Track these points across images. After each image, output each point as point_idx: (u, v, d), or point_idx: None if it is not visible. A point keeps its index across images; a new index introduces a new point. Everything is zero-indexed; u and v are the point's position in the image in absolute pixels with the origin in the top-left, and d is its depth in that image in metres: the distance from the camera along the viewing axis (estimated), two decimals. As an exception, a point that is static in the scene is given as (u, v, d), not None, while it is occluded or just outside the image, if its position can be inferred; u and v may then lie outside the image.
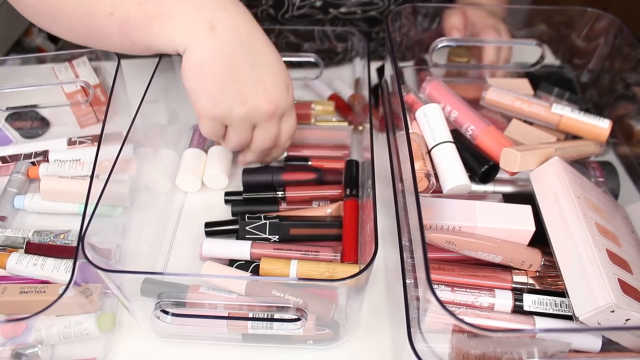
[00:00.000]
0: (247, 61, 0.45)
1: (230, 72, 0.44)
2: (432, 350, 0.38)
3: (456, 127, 0.53)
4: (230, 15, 0.45)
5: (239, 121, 0.46)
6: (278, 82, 0.46)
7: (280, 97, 0.47)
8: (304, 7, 0.67)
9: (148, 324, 0.45)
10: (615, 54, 0.60)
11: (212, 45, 0.44)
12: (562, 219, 0.43)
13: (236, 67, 0.44)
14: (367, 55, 0.58)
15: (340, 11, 0.68)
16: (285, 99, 0.47)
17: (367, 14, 0.69)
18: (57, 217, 0.56)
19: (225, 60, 0.44)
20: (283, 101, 0.47)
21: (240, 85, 0.45)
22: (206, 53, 0.44)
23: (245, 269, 0.48)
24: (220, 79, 0.44)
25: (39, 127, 0.66)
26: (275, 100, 0.46)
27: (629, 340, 0.39)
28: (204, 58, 0.44)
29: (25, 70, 0.65)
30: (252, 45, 0.45)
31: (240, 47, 0.44)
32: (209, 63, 0.44)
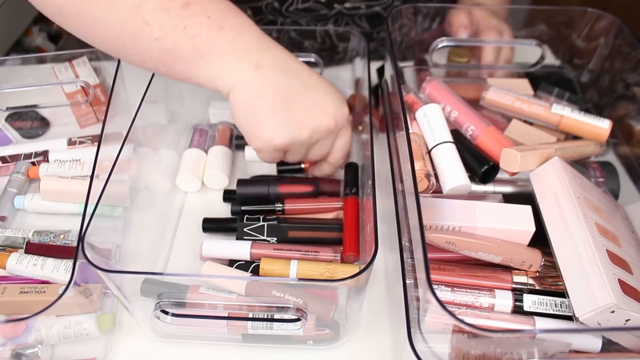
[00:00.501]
0: (296, 88, 0.45)
1: (284, 102, 0.44)
2: (432, 350, 0.38)
3: (456, 127, 0.53)
4: (273, 53, 0.45)
5: (301, 146, 0.47)
6: (332, 99, 0.47)
7: (337, 112, 0.47)
8: (309, 1, 0.66)
9: (148, 324, 0.45)
10: (616, 54, 0.60)
11: (260, 82, 0.44)
12: (562, 219, 0.43)
13: (288, 96, 0.44)
14: (367, 55, 0.58)
15: (344, 6, 0.67)
16: (343, 112, 0.47)
17: (372, 9, 0.69)
18: (57, 217, 0.56)
19: (276, 92, 0.44)
20: (341, 115, 0.47)
21: (296, 112, 0.45)
22: (256, 89, 0.44)
23: (245, 269, 0.48)
24: (275, 111, 0.44)
25: (39, 127, 0.66)
26: (333, 115, 0.46)
27: (629, 340, 0.39)
28: (254, 94, 0.44)
29: (25, 70, 0.65)
30: (297, 73, 0.46)
31: (286, 77, 0.45)
32: (261, 98, 0.44)
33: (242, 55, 0.44)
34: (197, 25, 0.43)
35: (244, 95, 0.44)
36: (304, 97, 0.45)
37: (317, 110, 0.46)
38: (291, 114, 0.45)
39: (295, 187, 0.56)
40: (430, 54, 0.63)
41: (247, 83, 0.44)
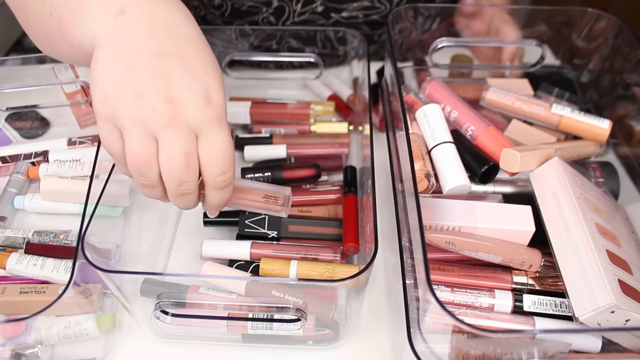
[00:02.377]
0: (152, 50, 0.35)
1: (127, 59, 0.35)
2: (431, 350, 0.38)
3: (456, 127, 0.53)
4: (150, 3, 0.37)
5: (129, 121, 0.35)
6: (192, 85, 0.36)
7: (189, 103, 0.35)
8: (305, 13, 0.67)
9: (148, 324, 0.45)
10: (616, 54, 0.60)
11: (113, 30, 0.36)
12: (562, 219, 0.43)
13: (136, 55, 0.35)
14: (367, 56, 0.58)
15: (342, 15, 0.68)
16: (198, 108, 0.35)
17: (369, 18, 0.69)
18: (57, 217, 0.56)
19: (124, 46, 0.35)
20: (193, 108, 0.35)
21: (136, 75, 0.35)
22: (106, 37, 0.36)
23: (245, 270, 0.48)
24: (113, 67, 0.35)
25: (39, 127, 0.66)
26: (180, 102, 0.35)
27: (629, 340, 0.39)
28: (102, 42, 0.36)
29: (25, 70, 0.65)
30: (167, 35, 0.36)
31: (147, 34, 0.36)
32: (106, 48, 0.36)
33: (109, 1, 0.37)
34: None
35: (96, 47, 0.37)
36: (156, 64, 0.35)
37: (162, 84, 0.35)
38: (128, 76, 0.35)
39: (298, 171, 0.56)
40: (430, 54, 0.63)
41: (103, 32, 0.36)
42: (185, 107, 0.35)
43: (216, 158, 0.37)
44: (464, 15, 0.67)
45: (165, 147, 0.35)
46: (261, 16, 0.67)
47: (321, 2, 0.65)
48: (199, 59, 0.37)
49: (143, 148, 0.35)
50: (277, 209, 0.44)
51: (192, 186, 0.37)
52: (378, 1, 0.67)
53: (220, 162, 0.37)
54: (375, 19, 0.70)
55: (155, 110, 0.35)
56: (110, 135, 0.36)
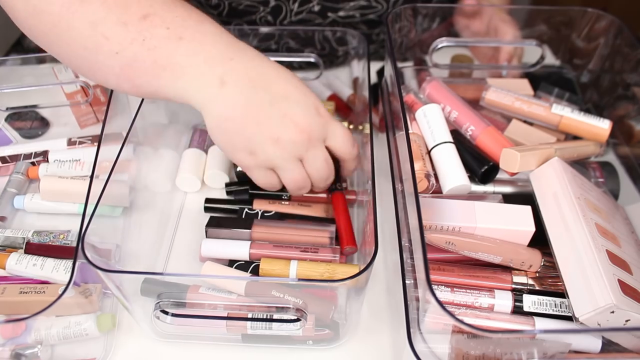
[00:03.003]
0: (265, 101, 0.43)
1: (252, 118, 0.43)
2: (431, 350, 0.38)
3: (456, 127, 0.53)
4: (238, 64, 0.43)
5: (281, 160, 0.44)
6: (304, 108, 0.44)
7: (311, 122, 0.44)
8: (303, 12, 0.67)
9: (148, 324, 0.45)
10: (616, 54, 0.60)
11: (225, 100, 0.42)
12: (562, 219, 0.43)
13: (255, 111, 0.43)
14: (367, 56, 0.58)
15: (338, 15, 0.68)
16: (317, 121, 0.45)
17: (366, 17, 0.69)
18: (57, 218, 0.56)
19: (243, 110, 0.42)
20: (315, 124, 0.44)
21: (266, 126, 0.43)
22: (222, 109, 0.43)
23: (245, 270, 0.48)
24: (245, 129, 0.43)
25: (39, 127, 0.66)
26: (307, 126, 0.44)
27: (629, 341, 0.39)
28: (222, 115, 0.43)
29: (25, 70, 0.65)
30: (266, 84, 0.43)
31: (253, 91, 0.43)
32: (229, 118, 0.43)
33: (205, 70, 0.42)
34: (155, 37, 0.41)
35: (213, 116, 0.43)
36: (273, 109, 0.43)
37: (289, 122, 0.43)
38: (260, 129, 0.43)
39: None
40: (430, 54, 0.63)
41: (214, 103, 0.42)
42: (312, 129, 0.44)
43: (344, 140, 0.47)
44: (464, 14, 0.67)
45: (312, 164, 0.46)
46: (258, 15, 0.67)
47: (318, 1, 0.65)
48: (294, 88, 0.45)
49: (298, 173, 0.46)
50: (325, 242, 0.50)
51: (333, 175, 0.49)
52: (375, 0, 0.67)
53: (347, 141, 0.47)
54: (372, 18, 0.70)
55: (295, 143, 0.44)
56: (267, 176, 0.46)
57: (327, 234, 0.50)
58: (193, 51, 0.42)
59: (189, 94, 0.43)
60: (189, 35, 0.42)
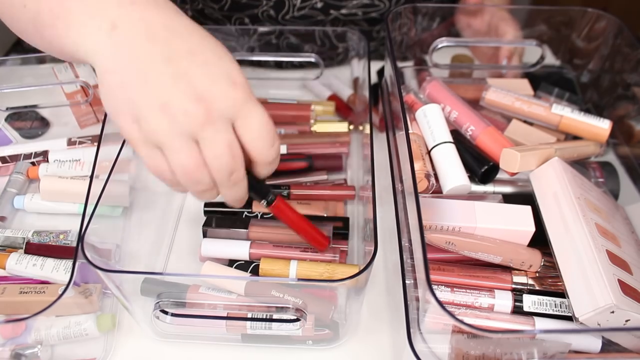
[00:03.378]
0: (160, 55, 0.34)
1: (139, 74, 0.33)
2: (431, 350, 0.38)
3: (456, 127, 0.53)
4: (139, 10, 0.35)
5: (166, 135, 0.33)
6: (211, 72, 0.34)
7: (217, 91, 0.34)
8: (305, 8, 0.66)
9: (148, 324, 0.45)
10: (616, 54, 0.60)
11: (113, 48, 0.34)
12: (562, 219, 0.43)
13: (145, 65, 0.33)
14: (368, 55, 0.58)
15: (341, 12, 0.68)
16: (226, 93, 0.34)
17: (368, 15, 0.69)
18: (57, 218, 0.56)
19: (130, 62, 0.33)
20: (222, 96, 0.34)
21: (154, 86, 0.33)
22: (107, 59, 0.34)
23: (245, 269, 0.48)
24: (128, 87, 0.33)
25: (39, 127, 0.66)
26: (208, 95, 0.33)
27: (629, 341, 0.39)
28: (105, 66, 0.34)
29: (25, 70, 0.65)
30: (168, 36, 0.34)
31: (149, 41, 0.34)
32: (111, 70, 0.34)
33: (95, 12, 0.34)
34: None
35: (99, 69, 0.34)
36: (168, 67, 0.33)
37: (184, 85, 0.33)
38: (147, 90, 0.33)
39: (290, 164, 0.57)
40: (430, 54, 0.63)
41: (101, 51, 0.34)
42: (215, 99, 0.34)
43: (261, 133, 0.36)
44: (466, 13, 0.67)
45: (208, 146, 0.34)
46: (261, 9, 0.67)
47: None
48: (207, 48, 0.35)
49: (188, 155, 0.34)
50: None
51: (241, 174, 0.36)
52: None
53: (265, 135, 0.36)
54: (375, 16, 0.70)
55: (187, 114, 0.33)
56: (155, 157, 0.35)
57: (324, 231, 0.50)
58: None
59: (79, 43, 0.35)
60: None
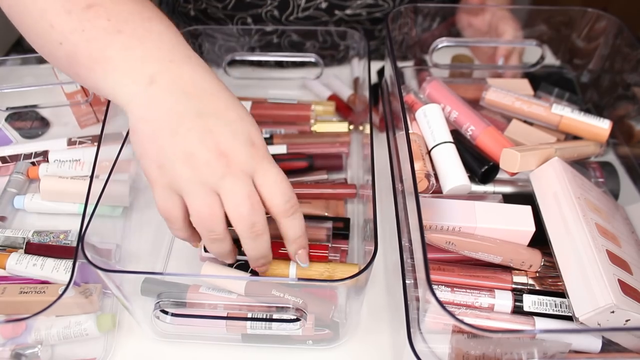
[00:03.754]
0: (190, 111, 0.37)
1: (170, 126, 0.36)
2: (431, 350, 0.38)
3: (456, 127, 0.53)
4: (175, 67, 0.38)
5: (188, 182, 0.36)
6: (234, 131, 0.37)
7: (238, 149, 0.37)
8: (309, 8, 0.66)
9: (148, 324, 0.45)
10: (616, 54, 0.60)
11: (149, 100, 0.37)
12: (562, 219, 0.43)
13: (177, 119, 0.37)
14: (368, 55, 0.58)
15: (345, 13, 0.68)
16: (246, 150, 0.37)
17: (372, 15, 0.69)
18: (57, 217, 0.56)
19: (163, 114, 0.37)
20: (242, 152, 0.37)
21: (182, 138, 0.36)
22: (143, 110, 0.37)
23: (245, 269, 0.48)
24: (158, 137, 0.37)
25: (39, 127, 0.66)
26: (230, 150, 0.36)
27: (629, 341, 0.39)
28: (141, 116, 0.37)
29: (25, 70, 0.65)
30: (200, 95, 0.38)
31: (182, 98, 0.37)
32: (145, 120, 0.37)
33: (136, 65, 0.38)
34: (95, 28, 0.38)
35: (132, 117, 0.38)
36: (197, 123, 0.37)
37: (209, 140, 0.36)
38: (175, 141, 0.36)
39: (290, 163, 0.57)
40: (430, 54, 0.63)
41: (136, 101, 0.38)
42: (236, 154, 0.37)
43: (278, 188, 0.38)
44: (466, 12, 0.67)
45: (228, 196, 0.37)
46: (265, 9, 0.67)
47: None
48: (231, 109, 0.39)
49: (206, 203, 0.36)
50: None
51: (262, 225, 0.38)
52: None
53: (281, 191, 0.38)
54: (379, 16, 0.70)
55: (210, 165, 0.36)
56: (168, 200, 0.37)
57: (323, 230, 0.50)
58: (129, 46, 0.38)
59: (116, 90, 0.38)
60: (130, 29, 0.39)
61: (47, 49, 0.41)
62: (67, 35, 0.39)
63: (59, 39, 0.39)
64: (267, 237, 0.39)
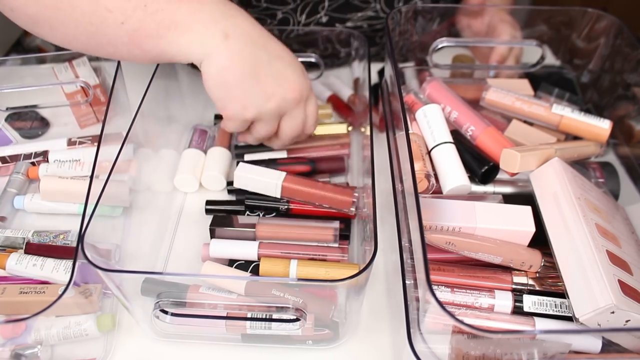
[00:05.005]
0: (263, 59, 0.47)
1: (252, 73, 0.46)
2: (431, 351, 0.38)
3: (456, 127, 0.53)
4: (240, 22, 0.47)
5: (269, 115, 0.49)
6: (296, 70, 0.49)
7: (302, 83, 0.49)
8: (310, 24, 0.67)
9: (148, 324, 0.45)
10: (616, 55, 0.60)
11: (229, 52, 0.45)
12: (562, 219, 0.43)
13: (255, 67, 0.46)
14: (368, 56, 0.58)
15: (346, 25, 0.68)
16: (306, 83, 0.50)
17: (373, 27, 0.69)
18: (57, 218, 0.56)
19: (244, 63, 0.46)
20: (305, 86, 0.50)
21: (264, 83, 0.47)
22: (225, 60, 0.45)
23: (245, 269, 0.48)
24: (244, 82, 0.46)
25: (39, 127, 0.66)
26: (299, 87, 0.49)
27: (629, 341, 0.39)
28: (224, 66, 0.46)
29: (25, 70, 0.65)
30: (264, 43, 0.48)
31: (254, 48, 0.46)
32: (230, 70, 0.46)
33: (209, 24, 0.45)
34: (156, 1, 0.44)
35: (214, 67, 0.46)
36: (271, 67, 0.47)
37: (283, 81, 0.48)
38: (259, 85, 0.47)
39: (293, 166, 0.58)
40: (430, 54, 0.63)
41: (217, 54, 0.45)
42: (302, 88, 0.49)
43: (313, 116, 0.53)
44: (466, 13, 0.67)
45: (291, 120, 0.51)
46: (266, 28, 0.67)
47: (325, 12, 0.66)
48: (285, 51, 0.50)
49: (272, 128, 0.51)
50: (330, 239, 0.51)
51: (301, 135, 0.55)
52: (382, 11, 0.67)
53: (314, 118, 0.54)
54: (379, 28, 0.70)
55: (287, 100, 0.49)
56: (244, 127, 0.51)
57: (331, 230, 0.50)
58: (195, 9, 0.45)
59: (192, 48, 0.45)
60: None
61: (101, 35, 0.45)
62: (129, 14, 0.44)
63: (119, 19, 0.44)
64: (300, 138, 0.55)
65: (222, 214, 0.54)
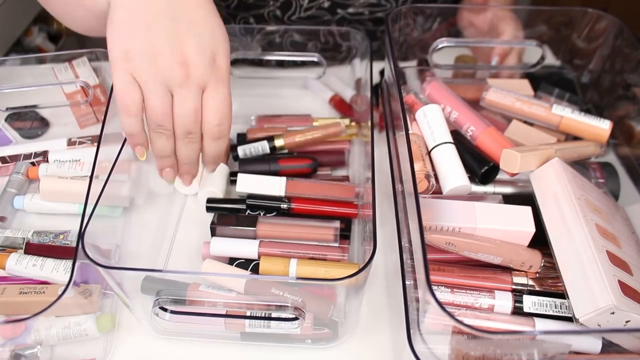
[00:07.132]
0: (168, 13, 0.41)
1: (145, 19, 0.40)
2: (431, 351, 0.38)
3: (456, 127, 0.53)
4: None
5: (149, 78, 0.41)
6: (201, 46, 0.41)
7: (199, 63, 0.41)
8: (312, 8, 0.66)
9: (147, 322, 0.45)
10: (616, 55, 0.60)
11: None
12: (562, 220, 0.43)
13: (152, 15, 0.40)
14: (370, 55, 0.58)
15: (348, 12, 0.68)
16: (205, 68, 0.41)
17: (375, 15, 0.69)
18: (57, 218, 0.56)
19: (142, 9, 0.40)
20: (202, 69, 0.41)
21: (154, 36, 0.40)
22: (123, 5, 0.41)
23: (245, 268, 0.48)
24: (133, 28, 0.40)
25: (39, 127, 0.66)
26: (191, 63, 0.41)
27: (629, 341, 0.39)
28: (120, 4, 0.41)
29: (25, 70, 0.65)
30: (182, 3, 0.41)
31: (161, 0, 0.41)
32: (124, 9, 0.41)
33: None
34: None
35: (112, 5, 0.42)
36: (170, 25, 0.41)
37: (177, 46, 0.41)
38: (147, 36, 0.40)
39: (294, 161, 0.57)
40: (430, 54, 0.63)
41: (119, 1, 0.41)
42: (196, 69, 0.41)
43: (216, 110, 0.43)
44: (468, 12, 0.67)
45: (179, 104, 0.42)
46: (267, 10, 0.67)
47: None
48: (207, 22, 0.42)
49: (163, 102, 0.41)
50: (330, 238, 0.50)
51: (197, 137, 0.44)
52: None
53: (218, 113, 0.43)
54: (381, 16, 0.70)
55: (172, 70, 0.40)
56: (128, 86, 0.41)
57: (331, 230, 0.50)
58: None
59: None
60: None
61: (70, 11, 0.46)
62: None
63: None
64: (197, 146, 0.45)
65: (223, 212, 0.54)
